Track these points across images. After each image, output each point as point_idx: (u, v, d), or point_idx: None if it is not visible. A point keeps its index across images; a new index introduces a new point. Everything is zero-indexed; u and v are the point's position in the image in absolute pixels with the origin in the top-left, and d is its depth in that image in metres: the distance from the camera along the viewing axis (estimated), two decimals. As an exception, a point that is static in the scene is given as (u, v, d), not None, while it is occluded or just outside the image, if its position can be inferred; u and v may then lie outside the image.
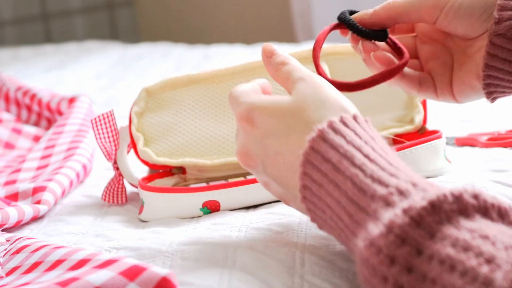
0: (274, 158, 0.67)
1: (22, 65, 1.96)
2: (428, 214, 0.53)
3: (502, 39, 0.72)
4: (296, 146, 0.65)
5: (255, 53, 1.83)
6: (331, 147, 0.61)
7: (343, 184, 0.59)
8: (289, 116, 0.66)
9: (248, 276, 0.66)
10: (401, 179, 0.57)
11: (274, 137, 0.66)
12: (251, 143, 0.68)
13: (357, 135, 0.62)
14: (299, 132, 0.65)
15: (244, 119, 0.68)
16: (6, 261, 0.72)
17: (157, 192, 0.85)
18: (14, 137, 1.17)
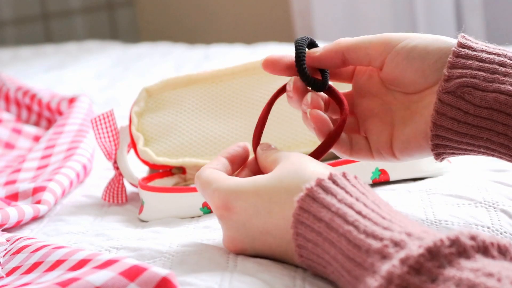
0: (260, 238, 0.66)
1: (22, 65, 1.96)
2: (427, 260, 0.52)
3: (451, 97, 0.68)
4: (280, 219, 0.64)
5: (255, 53, 1.83)
6: (322, 206, 0.61)
7: (337, 242, 0.59)
8: (269, 191, 0.65)
9: (249, 278, 0.66)
10: (395, 231, 0.56)
11: (256, 217, 0.66)
12: (234, 230, 0.68)
13: (348, 192, 0.62)
14: (281, 203, 0.64)
15: (221, 208, 0.67)
16: (6, 261, 0.72)
17: (157, 192, 0.85)
18: (14, 137, 1.17)
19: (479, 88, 0.68)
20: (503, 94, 0.67)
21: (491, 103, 0.67)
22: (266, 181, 0.66)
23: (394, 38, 0.72)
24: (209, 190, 0.68)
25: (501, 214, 0.78)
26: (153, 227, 0.82)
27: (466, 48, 0.70)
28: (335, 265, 0.59)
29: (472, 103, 0.68)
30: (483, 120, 0.68)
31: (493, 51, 0.70)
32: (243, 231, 0.67)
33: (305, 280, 0.65)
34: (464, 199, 0.80)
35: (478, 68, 0.69)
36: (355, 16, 2.37)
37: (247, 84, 0.93)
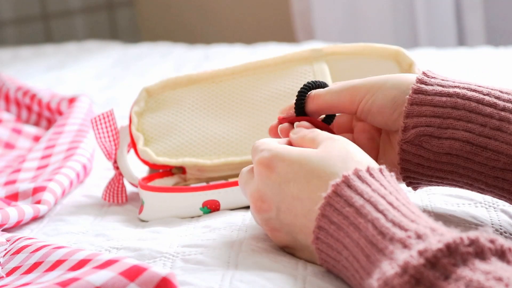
0: (291, 203, 0.68)
1: (22, 65, 1.96)
2: (444, 256, 0.53)
3: (411, 145, 0.72)
4: (316, 191, 0.66)
5: (255, 53, 1.83)
6: (356, 193, 0.63)
7: (363, 227, 0.60)
8: (313, 164, 0.67)
9: (250, 277, 0.66)
10: (420, 225, 0.58)
11: (294, 182, 0.67)
12: (268, 188, 0.69)
13: (382, 185, 0.64)
14: (322, 178, 0.66)
15: (263, 164, 0.69)
16: (7, 261, 0.72)
17: (157, 192, 0.85)
18: (14, 137, 1.17)
19: (435, 136, 0.71)
20: (458, 140, 0.70)
21: (447, 149, 0.71)
22: (314, 155, 0.68)
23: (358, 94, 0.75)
24: (258, 149, 0.71)
25: (501, 214, 0.78)
26: (153, 227, 0.82)
27: (420, 93, 0.72)
28: (354, 249, 0.60)
29: (431, 151, 0.71)
30: (444, 165, 0.72)
31: (447, 91, 0.72)
32: (276, 191, 0.68)
33: (306, 280, 0.65)
34: (464, 199, 0.80)
35: (432, 114, 0.71)
36: (355, 16, 2.37)
37: (247, 84, 0.93)
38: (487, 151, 0.69)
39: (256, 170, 0.70)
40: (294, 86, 0.92)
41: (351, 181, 0.64)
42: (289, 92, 0.91)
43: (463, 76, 0.78)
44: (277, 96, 0.92)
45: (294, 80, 0.92)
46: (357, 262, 0.60)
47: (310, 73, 0.93)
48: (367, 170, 0.65)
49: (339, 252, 0.62)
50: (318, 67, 0.93)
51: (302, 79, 0.92)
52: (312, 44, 1.84)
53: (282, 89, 0.92)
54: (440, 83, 0.73)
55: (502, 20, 2.26)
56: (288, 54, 0.94)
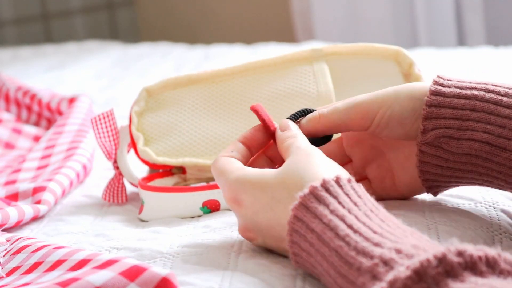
0: (268, 230, 0.68)
1: (22, 65, 1.96)
2: (414, 283, 0.52)
3: (430, 147, 0.72)
4: (283, 216, 0.65)
5: (255, 53, 1.83)
6: (314, 217, 0.62)
7: (329, 256, 0.60)
8: (274, 188, 0.67)
9: (250, 278, 0.66)
10: (385, 248, 0.57)
11: (262, 212, 0.67)
12: (245, 221, 0.69)
13: (340, 203, 0.62)
14: (284, 202, 0.66)
15: (231, 201, 0.69)
16: (7, 261, 0.72)
17: (157, 192, 0.85)
18: (14, 137, 1.17)
19: (454, 137, 0.72)
20: (477, 142, 0.71)
21: (467, 150, 0.71)
22: (272, 177, 0.67)
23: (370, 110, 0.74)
24: (221, 182, 0.71)
25: (501, 214, 0.78)
26: (153, 227, 0.82)
27: (438, 95, 0.72)
28: (328, 279, 0.60)
29: (450, 152, 0.72)
30: (463, 165, 0.72)
31: (465, 93, 0.72)
32: (251, 223, 0.69)
33: (305, 280, 0.65)
34: (464, 199, 0.80)
35: (451, 116, 0.72)
36: (355, 16, 2.37)
37: (247, 84, 0.93)
38: (506, 151, 0.70)
39: (228, 204, 0.71)
40: (294, 86, 0.92)
41: (309, 202, 0.63)
42: (289, 92, 0.91)
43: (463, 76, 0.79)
44: (277, 96, 0.91)
45: (294, 80, 0.92)
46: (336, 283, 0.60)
47: (310, 73, 0.93)
48: (323, 184, 0.63)
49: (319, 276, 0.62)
50: (318, 67, 0.93)
51: (302, 79, 0.92)
52: (312, 44, 1.84)
53: (282, 89, 0.92)
54: (457, 85, 0.73)
55: (502, 20, 2.26)
56: (288, 54, 0.94)
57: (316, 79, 0.92)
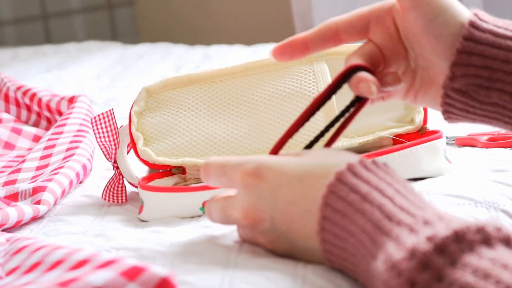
0: (285, 209, 0.66)
1: (22, 65, 1.96)
2: (451, 242, 0.54)
3: (457, 93, 0.71)
4: (311, 189, 0.65)
5: (255, 53, 1.83)
6: (362, 180, 0.62)
7: (370, 212, 0.60)
8: (304, 165, 0.66)
9: (250, 277, 0.66)
10: (428, 212, 0.58)
11: (286, 185, 0.66)
12: (259, 199, 0.68)
13: (388, 174, 0.64)
14: (315, 175, 0.65)
15: (251, 175, 0.68)
16: (6, 261, 0.72)
17: (157, 192, 0.85)
18: (14, 137, 1.17)
19: (484, 87, 0.70)
20: (507, 94, 0.69)
21: (495, 100, 0.70)
22: (302, 159, 0.67)
23: None
24: (240, 162, 0.69)
25: (501, 214, 0.78)
26: (153, 227, 0.82)
27: (470, 41, 0.70)
28: (360, 235, 0.60)
29: (477, 100, 0.70)
30: (490, 113, 0.71)
31: (499, 43, 0.70)
32: (267, 200, 0.67)
33: (306, 280, 0.65)
34: (464, 199, 0.80)
35: (482, 65, 0.70)
36: (355, 16, 2.37)
37: (247, 84, 0.93)
38: None
39: (242, 183, 0.68)
40: (294, 86, 0.92)
41: (356, 168, 0.63)
42: (289, 92, 0.91)
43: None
44: (277, 96, 0.91)
45: (294, 80, 0.92)
46: (364, 247, 0.60)
47: (310, 73, 0.93)
48: (372, 161, 0.64)
49: (345, 239, 0.62)
50: (318, 67, 0.93)
51: (302, 79, 0.92)
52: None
53: (282, 89, 0.92)
54: (492, 31, 0.70)
55: (502, 20, 2.26)
56: (288, 54, 0.94)
57: (316, 79, 0.92)
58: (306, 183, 0.65)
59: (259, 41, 2.29)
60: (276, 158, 0.68)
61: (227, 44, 2.08)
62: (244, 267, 0.68)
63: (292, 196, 0.66)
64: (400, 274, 0.54)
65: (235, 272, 0.67)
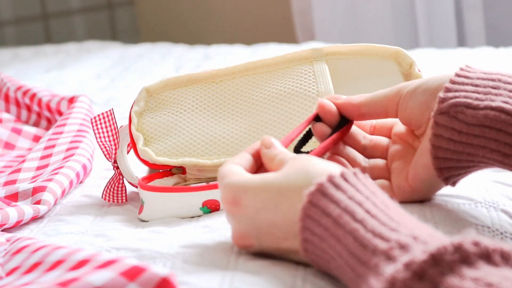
0: (268, 231, 0.67)
1: (22, 65, 1.96)
2: (430, 266, 0.52)
3: (446, 117, 0.72)
4: (288, 211, 0.65)
5: (255, 53, 1.83)
6: (331, 202, 0.62)
7: (343, 239, 0.60)
8: (277, 185, 0.66)
9: (250, 278, 0.66)
10: (401, 234, 0.57)
11: (264, 210, 0.67)
12: (242, 224, 0.69)
13: (358, 191, 0.62)
14: (290, 196, 0.65)
15: (229, 202, 0.69)
16: (6, 261, 0.72)
17: (157, 192, 0.85)
18: (14, 137, 1.17)
19: (471, 107, 0.71)
20: (493, 110, 0.70)
21: (482, 120, 0.70)
22: (274, 177, 0.67)
23: (404, 86, 0.77)
24: (221, 185, 0.70)
25: (501, 214, 0.78)
26: (153, 227, 0.82)
27: (462, 77, 0.74)
28: (340, 261, 0.60)
29: (464, 122, 0.71)
30: (476, 138, 0.71)
31: (489, 77, 0.73)
32: (250, 225, 0.68)
33: (306, 280, 0.65)
34: (464, 199, 0.80)
35: (472, 90, 0.72)
36: (355, 16, 2.36)
37: (247, 84, 0.93)
38: None
39: (225, 208, 0.70)
40: (294, 86, 0.92)
41: (326, 189, 0.63)
42: (289, 92, 0.91)
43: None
44: (277, 96, 0.91)
45: (294, 80, 0.92)
46: (345, 274, 0.60)
47: (310, 73, 0.93)
48: (341, 174, 0.63)
49: (329, 262, 0.62)
50: (318, 67, 0.93)
51: (302, 79, 0.92)
52: (312, 44, 1.84)
53: (282, 89, 0.92)
54: (483, 71, 0.74)
55: (502, 20, 2.26)
56: (288, 54, 0.94)
57: (316, 79, 0.92)
58: (282, 206, 0.66)
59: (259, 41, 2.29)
60: (252, 179, 0.68)
61: (227, 44, 2.08)
62: (244, 267, 0.68)
63: (272, 218, 0.66)
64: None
65: (235, 272, 0.67)
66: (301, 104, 0.90)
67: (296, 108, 0.90)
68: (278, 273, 0.66)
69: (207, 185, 0.85)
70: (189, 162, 0.89)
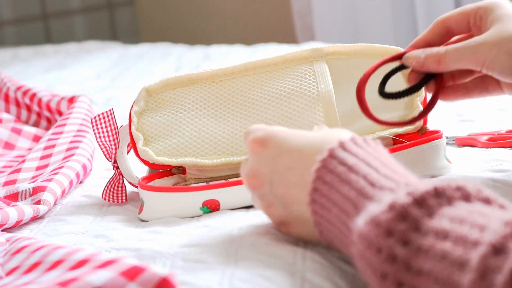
0: (283, 174, 0.70)
1: (22, 65, 1.96)
2: (430, 196, 0.56)
3: None
4: (308, 160, 0.68)
5: (255, 53, 1.83)
6: (350, 154, 0.66)
7: (354, 181, 0.63)
8: (308, 138, 0.70)
9: (249, 276, 0.66)
10: (412, 179, 0.62)
11: (287, 153, 0.70)
12: (261, 164, 0.72)
13: (377, 149, 0.67)
14: (314, 149, 0.68)
15: (257, 142, 0.72)
16: (6, 261, 0.72)
17: (157, 192, 0.85)
18: (14, 137, 1.17)
19: None
20: None
21: None
22: (307, 133, 0.72)
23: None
24: (253, 130, 0.74)
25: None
26: (153, 227, 0.82)
27: None
28: (343, 203, 0.63)
29: None
30: None
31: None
32: (269, 165, 0.71)
33: (304, 278, 0.65)
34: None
35: None
36: (355, 16, 2.37)
37: (247, 84, 0.93)
38: None
39: (250, 148, 0.73)
40: (294, 86, 0.92)
41: (346, 145, 0.66)
42: (289, 92, 0.91)
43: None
44: (277, 96, 0.91)
45: (294, 80, 0.92)
46: (346, 214, 0.62)
47: (310, 73, 0.93)
48: (363, 138, 0.68)
49: (330, 210, 0.64)
50: (318, 67, 0.93)
51: (302, 79, 0.92)
52: (312, 44, 1.84)
53: (282, 89, 0.92)
54: None
55: (502, 20, 2.26)
56: (288, 54, 0.94)
57: (316, 79, 0.92)
58: (305, 154, 0.69)
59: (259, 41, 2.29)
60: (286, 130, 0.72)
61: (227, 44, 2.07)
62: (244, 266, 0.68)
63: (290, 162, 0.69)
64: (378, 225, 0.56)
65: (234, 271, 0.67)
66: (301, 104, 0.90)
67: (296, 108, 0.90)
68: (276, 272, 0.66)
69: (207, 185, 0.85)
70: (189, 162, 0.89)
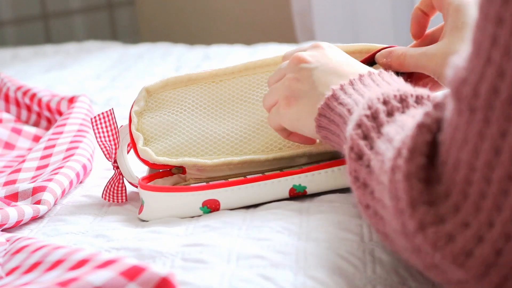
0: (328, 63, 0.81)
1: (22, 65, 1.96)
2: (392, 99, 0.68)
3: None
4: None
5: (255, 53, 1.83)
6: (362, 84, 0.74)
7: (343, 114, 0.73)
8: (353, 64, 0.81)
9: (249, 276, 0.66)
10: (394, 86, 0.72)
11: (336, 58, 0.81)
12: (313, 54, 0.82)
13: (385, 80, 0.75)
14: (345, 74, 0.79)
15: (300, 58, 0.81)
16: (6, 261, 0.72)
17: (157, 192, 0.85)
18: (14, 137, 1.17)
19: None
20: None
21: None
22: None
23: None
24: (301, 49, 0.84)
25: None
26: (153, 227, 0.82)
27: None
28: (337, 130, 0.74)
29: None
30: None
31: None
32: (319, 57, 0.81)
33: (306, 275, 0.65)
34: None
35: None
36: (355, 16, 2.37)
37: (247, 84, 0.93)
38: None
39: (311, 51, 0.83)
40: (294, 86, 0.92)
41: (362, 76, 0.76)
42: (289, 92, 0.91)
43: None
44: (277, 96, 0.91)
45: (294, 80, 0.92)
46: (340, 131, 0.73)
47: (310, 73, 0.92)
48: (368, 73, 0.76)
49: (333, 121, 0.75)
50: (318, 67, 0.93)
51: (302, 79, 0.92)
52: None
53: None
54: None
55: (502, 20, 2.26)
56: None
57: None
58: (343, 69, 0.79)
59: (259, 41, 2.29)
60: None
61: (227, 44, 2.08)
62: (244, 266, 0.68)
63: (332, 69, 0.79)
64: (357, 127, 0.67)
65: (234, 271, 0.67)
66: (301, 104, 0.90)
67: (296, 108, 0.90)
68: (277, 271, 0.66)
69: (207, 185, 0.85)
70: (189, 162, 0.89)
